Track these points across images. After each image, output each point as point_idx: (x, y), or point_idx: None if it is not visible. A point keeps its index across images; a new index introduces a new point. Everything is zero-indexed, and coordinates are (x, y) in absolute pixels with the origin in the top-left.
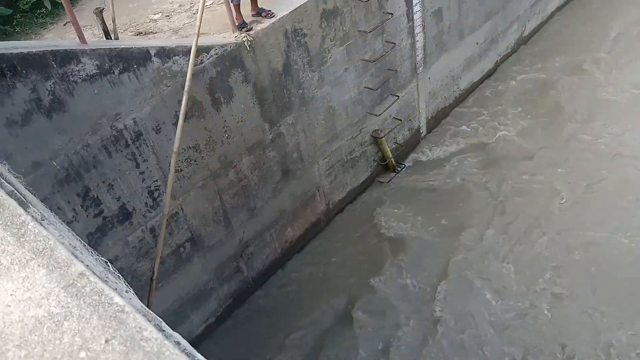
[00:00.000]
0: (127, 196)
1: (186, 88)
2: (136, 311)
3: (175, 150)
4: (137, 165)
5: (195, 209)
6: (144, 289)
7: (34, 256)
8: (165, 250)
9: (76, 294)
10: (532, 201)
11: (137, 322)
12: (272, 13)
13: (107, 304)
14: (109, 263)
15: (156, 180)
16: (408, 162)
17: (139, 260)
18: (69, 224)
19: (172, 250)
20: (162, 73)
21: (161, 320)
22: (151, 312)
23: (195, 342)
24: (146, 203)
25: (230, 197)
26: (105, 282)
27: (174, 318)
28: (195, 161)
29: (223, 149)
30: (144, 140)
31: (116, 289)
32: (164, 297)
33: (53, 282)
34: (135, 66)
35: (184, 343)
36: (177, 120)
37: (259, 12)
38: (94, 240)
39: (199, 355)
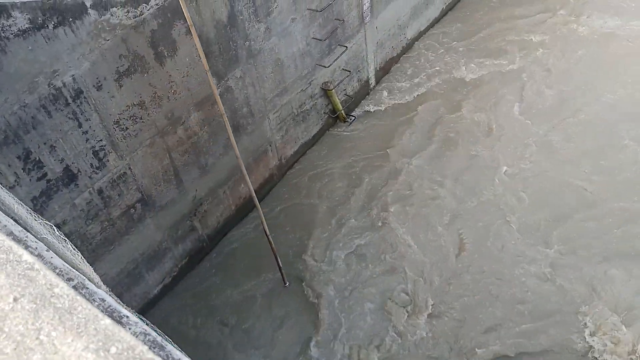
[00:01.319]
0: (71, 157)
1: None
2: (47, 268)
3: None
4: (80, 125)
5: (144, 169)
6: (96, 252)
7: None
8: (116, 212)
9: None
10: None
11: (48, 279)
12: None
13: (15, 262)
14: (54, 227)
15: (101, 140)
16: (357, 113)
17: (88, 223)
18: (10, 188)
19: (122, 212)
20: (99, 26)
21: (84, 278)
22: (74, 270)
23: (153, 302)
24: (92, 164)
25: (180, 154)
26: (15, 240)
27: (128, 280)
28: (141, 118)
29: (170, 105)
30: (84, 98)
31: (28, 247)
32: (117, 258)
33: None
34: (70, 19)
35: (109, 300)
36: (119, 76)
37: None
38: (39, 204)
39: (123, 311)
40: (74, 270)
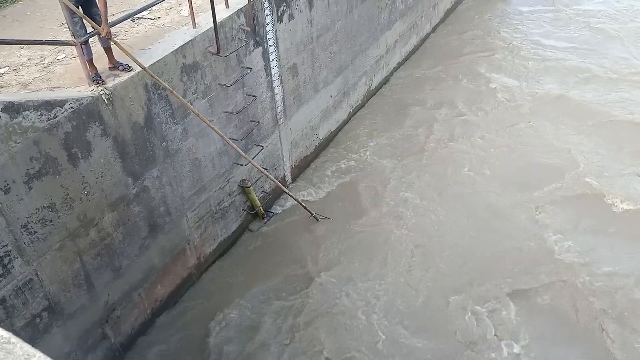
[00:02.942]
0: None
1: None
2: (22, 341)
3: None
4: None
5: (52, 274)
6: None
7: None
8: (19, 322)
9: None
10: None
11: (24, 349)
12: (129, 67)
13: None
14: None
15: (6, 245)
16: (276, 209)
17: None
18: None
19: (26, 322)
20: (10, 129)
21: None
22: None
23: None
24: None
25: (92, 257)
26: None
27: None
28: (51, 221)
29: (82, 207)
30: None
31: None
32: None
33: None
34: None
35: None
36: (29, 178)
37: (116, 66)
38: None
39: None
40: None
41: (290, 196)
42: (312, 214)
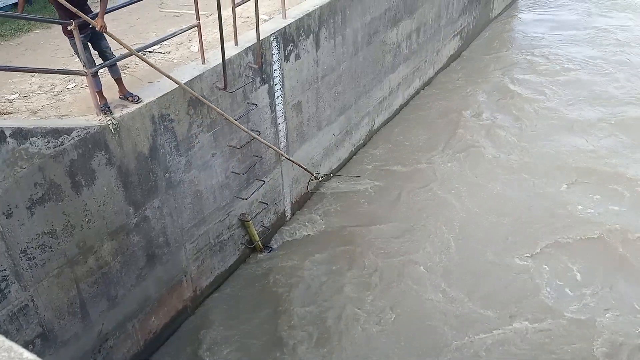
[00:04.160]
0: None
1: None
2: None
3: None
4: None
5: (48, 300)
6: None
7: None
8: None
9: None
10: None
11: None
12: (139, 98)
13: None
14: None
15: (4, 270)
16: (274, 244)
17: None
18: None
19: None
20: (17, 154)
21: None
22: None
23: None
24: None
25: (88, 285)
26: (5, 334)
27: None
28: (51, 247)
29: (82, 234)
30: None
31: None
32: None
33: None
34: None
35: None
36: (32, 204)
37: (126, 96)
38: None
39: None
40: None
41: (290, 160)
42: (312, 175)
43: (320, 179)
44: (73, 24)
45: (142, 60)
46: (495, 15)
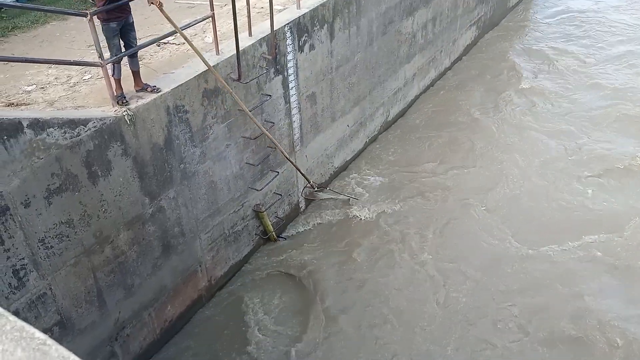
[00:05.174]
0: None
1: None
2: (57, 343)
3: None
4: (2, 242)
5: (66, 289)
6: None
7: None
8: None
9: None
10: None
11: (60, 352)
12: (158, 88)
13: (29, 339)
14: None
15: (23, 259)
16: (288, 234)
17: None
18: None
19: None
20: (34, 145)
21: None
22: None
23: None
24: (10, 283)
25: (105, 274)
26: (24, 321)
27: None
28: (68, 237)
29: (99, 224)
30: (10, 215)
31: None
32: None
33: None
34: (5, 137)
35: None
36: (49, 194)
37: (144, 88)
38: None
39: None
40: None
41: (290, 160)
42: (309, 182)
43: (317, 188)
44: (89, 16)
45: (185, 40)
46: (513, 4)
